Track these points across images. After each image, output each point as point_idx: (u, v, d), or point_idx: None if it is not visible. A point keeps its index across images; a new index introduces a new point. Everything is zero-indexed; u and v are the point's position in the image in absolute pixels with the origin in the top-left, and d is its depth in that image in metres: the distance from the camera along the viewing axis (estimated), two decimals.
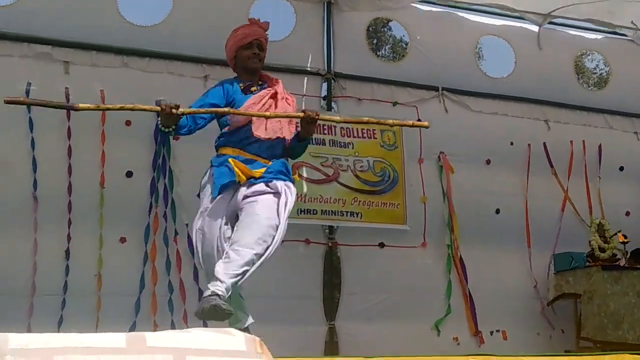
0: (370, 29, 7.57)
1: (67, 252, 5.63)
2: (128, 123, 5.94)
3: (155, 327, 5.64)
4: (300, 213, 6.35)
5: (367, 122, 4.73)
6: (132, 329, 5.56)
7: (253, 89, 4.29)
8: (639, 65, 7.97)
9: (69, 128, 5.75)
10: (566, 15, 7.57)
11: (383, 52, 16.14)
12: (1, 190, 5.51)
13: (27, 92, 5.66)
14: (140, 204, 5.90)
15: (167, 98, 5.99)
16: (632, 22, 7.70)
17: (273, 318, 6.04)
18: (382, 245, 6.71)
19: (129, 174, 5.93)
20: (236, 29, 4.40)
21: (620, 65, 8.10)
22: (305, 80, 6.78)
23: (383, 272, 6.65)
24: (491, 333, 6.91)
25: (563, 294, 6.99)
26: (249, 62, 4.34)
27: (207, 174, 4.26)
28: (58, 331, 5.31)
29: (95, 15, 6.06)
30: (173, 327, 5.71)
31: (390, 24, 13.95)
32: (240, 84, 4.32)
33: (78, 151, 5.78)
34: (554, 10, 7.40)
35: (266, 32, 4.44)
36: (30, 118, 5.63)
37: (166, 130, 4.07)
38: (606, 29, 7.84)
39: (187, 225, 5.95)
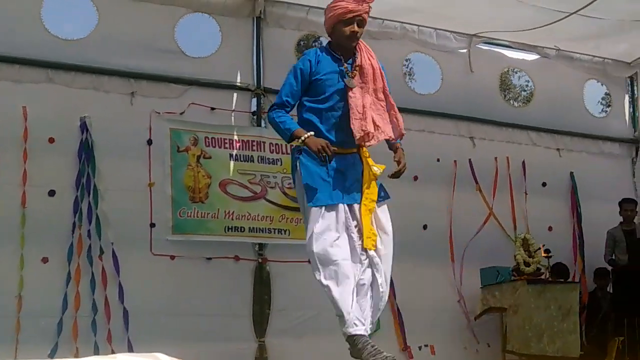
0: (302, 43, 7.57)
1: None
2: (51, 140, 5.84)
3: (77, 350, 5.53)
4: (229, 230, 6.36)
5: None
6: (54, 351, 5.46)
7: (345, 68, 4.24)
8: (561, 83, 8.19)
9: None
10: (492, 37, 7.73)
11: None
12: None
13: None
14: (63, 223, 5.77)
15: (92, 115, 5.98)
16: (554, 46, 7.92)
17: (203, 335, 6.04)
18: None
19: (52, 193, 5.81)
20: (338, 1, 4.25)
21: (544, 82, 8.28)
22: (235, 96, 6.76)
23: (313, 288, 6.53)
24: (419, 348, 6.97)
25: (490, 308, 7.10)
26: (347, 40, 4.23)
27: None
28: None
29: (19, 27, 5.93)
30: (97, 348, 5.61)
31: (321, 38, 14.01)
32: (332, 54, 4.29)
33: None
34: (480, 33, 7.55)
35: (370, 6, 4.26)
36: None
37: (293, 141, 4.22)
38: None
39: (112, 243, 5.87)
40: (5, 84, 5.80)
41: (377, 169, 4.41)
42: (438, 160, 7.44)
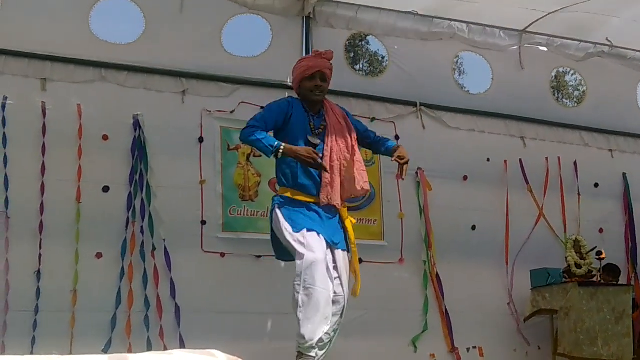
0: (348, 42, 7.58)
1: (41, 269, 5.55)
2: (105, 138, 5.92)
3: (131, 345, 5.60)
4: None
5: None
6: (108, 346, 5.52)
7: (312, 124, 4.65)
8: (614, 82, 8.07)
9: (43, 144, 5.70)
10: (542, 32, 7.64)
11: (360, 66, 16.22)
12: None
13: (4, 107, 5.62)
14: (117, 219, 5.84)
15: (145, 113, 6.06)
16: (606, 39, 7.79)
17: (252, 333, 6.07)
18: (359, 260, 6.68)
19: (106, 189, 5.88)
20: (301, 60, 4.79)
21: (596, 82, 8.18)
22: (286, 95, 6.77)
23: (360, 288, 6.63)
24: (468, 350, 6.90)
25: (540, 310, 7.01)
26: (311, 94, 4.64)
27: None
28: (32, 349, 5.26)
29: (71, 30, 6.02)
30: (149, 344, 5.68)
31: (367, 38, 14.02)
32: (303, 107, 4.70)
33: (54, 166, 5.71)
34: (529, 26, 7.47)
35: (330, 62, 4.71)
36: (4, 134, 5.59)
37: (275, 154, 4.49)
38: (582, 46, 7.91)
39: (164, 240, 5.94)
40: (61, 84, 5.89)
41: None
42: (488, 160, 7.38)
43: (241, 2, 6.59)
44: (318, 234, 4.42)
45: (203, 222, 6.16)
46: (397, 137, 7.00)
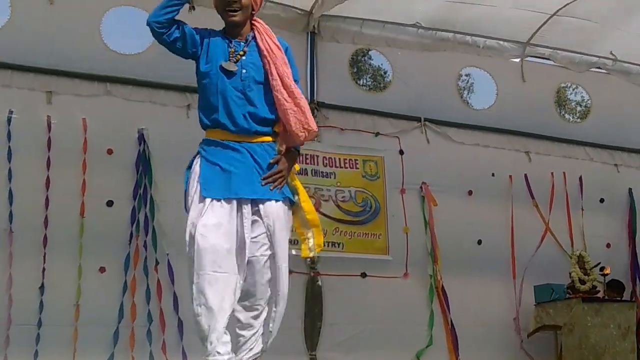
0: (352, 57, 7.60)
1: (44, 283, 5.55)
2: (110, 151, 5.94)
3: (134, 359, 5.59)
4: None
5: None
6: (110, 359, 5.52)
7: (231, 50, 3.45)
8: (618, 97, 8.07)
9: (48, 158, 5.71)
10: (545, 44, 7.65)
11: (364, 81, 16.23)
12: None
13: (9, 120, 5.64)
14: (121, 233, 5.85)
15: (149, 127, 6.07)
16: (610, 53, 7.80)
17: None
18: (364, 275, 6.70)
19: (110, 203, 5.89)
20: None
21: (601, 97, 8.19)
22: None
23: (365, 302, 6.63)
24: None
25: (543, 326, 6.99)
26: (225, 14, 3.47)
27: None
28: None
29: (79, 43, 6.03)
30: (152, 358, 5.68)
31: (370, 52, 14.02)
32: (223, 34, 3.53)
33: (58, 180, 5.72)
34: (532, 36, 7.48)
35: None
36: (9, 148, 5.61)
37: None
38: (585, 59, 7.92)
39: (167, 254, 5.93)
40: (66, 97, 5.91)
41: None
42: (493, 174, 7.38)
43: None
44: None
45: None
46: (401, 152, 7.03)
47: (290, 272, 6.32)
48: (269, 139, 3.44)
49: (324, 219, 6.58)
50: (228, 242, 3.24)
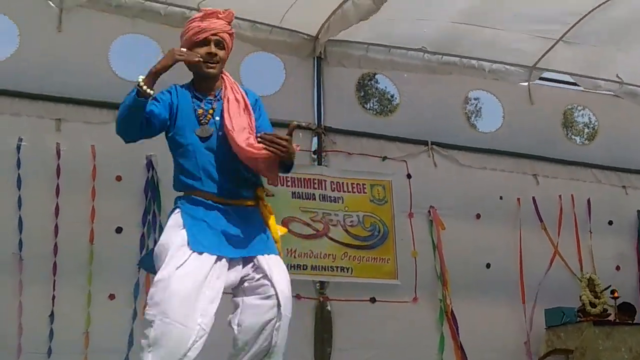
0: (358, 82, 7.64)
1: (54, 311, 5.55)
2: (119, 178, 5.95)
3: None
4: (291, 268, 6.28)
5: None
6: None
7: (199, 111, 3.35)
8: (625, 119, 8.07)
9: (57, 185, 5.73)
10: (552, 68, 7.68)
11: (370, 106, 16.27)
12: None
13: (19, 148, 5.67)
14: (130, 260, 5.81)
15: (158, 153, 6.08)
16: (617, 76, 7.82)
17: None
18: (373, 300, 6.67)
19: (119, 230, 5.89)
20: (190, 21, 3.41)
21: (608, 119, 8.20)
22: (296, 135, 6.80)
23: (375, 327, 6.60)
24: None
25: (555, 350, 6.93)
26: (202, 66, 3.32)
27: None
28: None
29: (87, 71, 6.07)
30: None
31: (376, 76, 14.07)
32: (192, 91, 3.39)
33: (67, 207, 5.74)
34: (538, 61, 7.51)
35: (229, 25, 3.44)
36: (19, 175, 5.63)
37: (143, 91, 3.15)
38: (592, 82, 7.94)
39: None
40: (75, 125, 5.94)
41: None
42: (501, 198, 7.37)
43: (254, 41, 6.63)
44: None
45: None
46: (409, 176, 7.03)
47: (299, 297, 6.46)
48: (252, 203, 3.39)
49: (333, 244, 6.59)
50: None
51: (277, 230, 3.48)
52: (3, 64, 5.84)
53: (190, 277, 3.06)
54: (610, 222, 7.82)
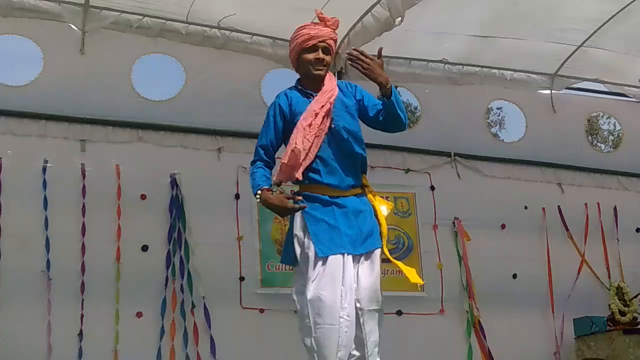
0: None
1: (82, 329, 5.58)
2: (143, 197, 6.00)
3: None
4: None
5: None
6: None
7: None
8: None
9: (83, 205, 5.79)
10: (574, 75, 7.65)
11: None
12: (15, 269, 5.49)
13: (44, 170, 5.73)
14: (157, 277, 5.88)
15: (181, 171, 6.13)
16: (639, 81, 7.76)
17: None
18: (399, 313, 6.64)
19: (145, 248, 5.93)
20: (300, 28, 3.83)
21: (632, 125, 8.14)
22: None
23: (402, 340, 6.54)
24: None
25: (586, 359, 6.87)
26: (311, 68, 3.77)
27: None
28: None
29: (110, 91, 6.14)
30: None
31: (398, 89, 14.07)
32: (301, 90, 3.84)
33: (93, 227, 5.79)
34: (559, 68, 7.48)
35: (335, 32, 3.87)
36: (45, 196, 5.69)
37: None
38: (616, 91, 7.89)
39: (203, 297, 5.95)
40: (100, 145, 6.01)
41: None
42: (526, 207, 7.32)
43: (275, 57, 6.66)
44: None
45: (241, 279, 6.17)
46: (432, 188, 7.02)
47: None
48: (360, 191, 3.78)
49: None
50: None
51: (385, 207, 3.88)
52: (28, 87, 5.93)
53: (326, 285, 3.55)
54: (638, 230, 7.75)
